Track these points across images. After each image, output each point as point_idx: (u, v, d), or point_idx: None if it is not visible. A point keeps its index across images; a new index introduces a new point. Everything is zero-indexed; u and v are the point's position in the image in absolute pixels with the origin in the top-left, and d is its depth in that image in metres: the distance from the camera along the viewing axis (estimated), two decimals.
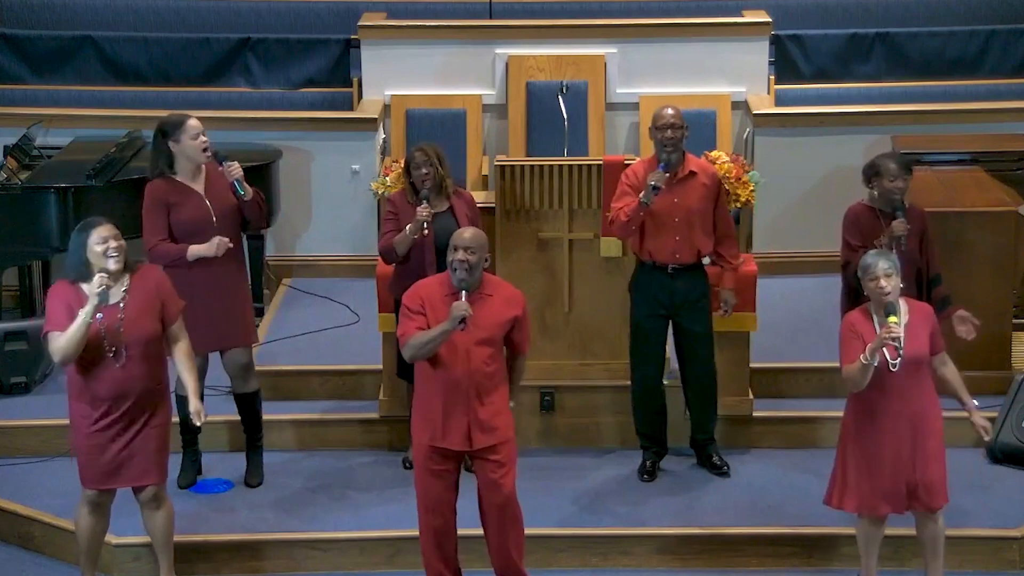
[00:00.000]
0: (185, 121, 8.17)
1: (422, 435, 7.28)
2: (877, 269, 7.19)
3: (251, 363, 8.51)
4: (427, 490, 7.33)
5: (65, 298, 7.19)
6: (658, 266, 8.44)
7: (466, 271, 7.09)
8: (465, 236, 7.14)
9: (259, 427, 8.64)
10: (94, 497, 7.43)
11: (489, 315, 7.15)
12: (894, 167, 8.19)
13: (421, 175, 8.33)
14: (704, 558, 8.11)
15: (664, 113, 8.37)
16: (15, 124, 10.67)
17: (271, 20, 12.03)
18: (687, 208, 8.38)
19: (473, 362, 7.12)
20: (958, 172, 10.01)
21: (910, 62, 11.67)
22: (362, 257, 10.87)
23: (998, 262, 9.20)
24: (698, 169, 8.46)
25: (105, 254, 7.13)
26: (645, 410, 8.68)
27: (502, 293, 7.24)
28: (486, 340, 7.13)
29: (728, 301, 8.56)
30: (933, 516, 7.43)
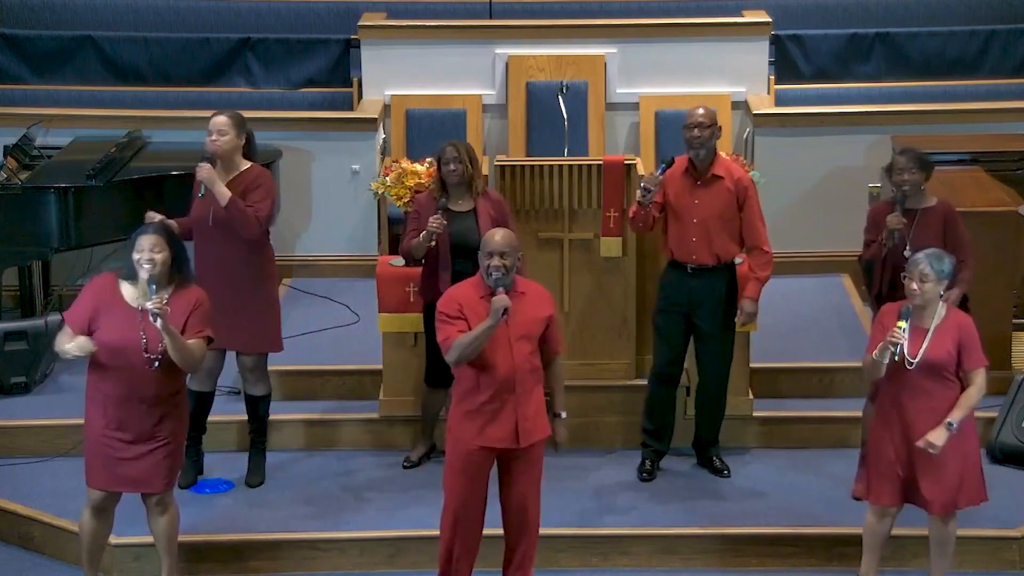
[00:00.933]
0: (214, 116, 8.24)
1: (467, 435, 7.22)
2: (915, 269, 7.20)
3: (258, 367, 8.49)
4: (464, 491, 7.27)
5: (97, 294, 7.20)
6: (679, 264, 8.43)
7: (502, 274, 7.11)
8: (497, 240, 7.14)
9: (263, 430, 8.64)
10: (98, 500, 7.41)
11: (526, 312, 7.17)
12: (902, 160, 8.21)
13: (450, 170, 8.32)
14: (704, 558, 8.11)
15: (694, 112, 8.33)
16: (15, 124, 10.66)
17: (271, 20, 12.03)
18: (706, 210, 8.34)
19: (517, 359, 7.13)
20: (958, 172, 10.01)
21: (910, 62, 11.67)
22: (362, 257, 10.87)
23: (998, 262, 9.20)
24: (724, 173, 8.38)
25: (138, 263, 7.14)
26: (652, 405, 8.66)
27: (534, 291, 7.28)
28: (526, 336, 7.16)
29: (745, 309, 8.45)
30: (943, 518, 7.42)
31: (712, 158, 8.36)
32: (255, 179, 8.27)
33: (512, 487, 7.30)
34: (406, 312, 8.82)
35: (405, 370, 8.95)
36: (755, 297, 8.42)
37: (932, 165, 8.30)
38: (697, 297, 8.44)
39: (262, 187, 8.28)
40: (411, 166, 10.20)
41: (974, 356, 7.29)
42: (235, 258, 8.24)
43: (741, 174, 8.49)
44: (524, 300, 7.19)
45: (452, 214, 8.32)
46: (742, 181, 8.42)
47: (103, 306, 7.19)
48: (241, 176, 8.25)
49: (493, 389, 7.15)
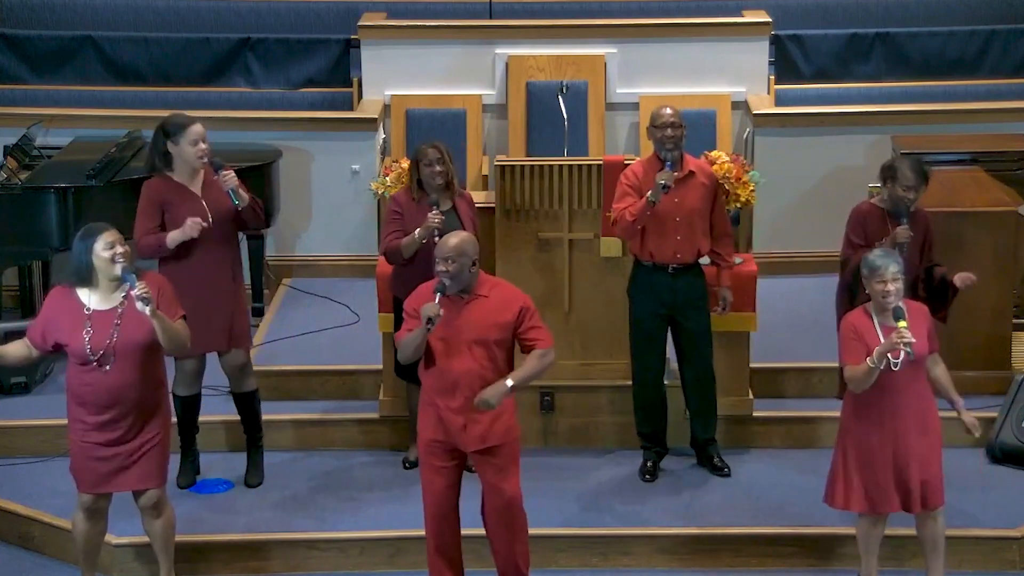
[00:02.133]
0: (188, 126, 8.14)
1: (424, 426, 7.31)
2: (887, 272, 7.19)
3: (247, 364, 8.50)
4: (428, 485, 7.35)
5: (56, 306, 7.20)
6: (659, 266, 8.44)
7: (448, 279, 7.11)
8: (448, 244, 7.14)
9: (259, 427, 8.64)
10: (89, 502, 7.42)
11: (481, 316, 7.15)
12: (911, 176, 8.18)
13: (435, 172, 8.32)
14: (704, 558, 8.11)
15: (663, 112, 8.38)
16: (15, 124, 10.66)
17: (271, 20, 12.02)
18: (688, 207, 8.40)
19: (468, 363, 7.13)
20: (958, 172, 10.01)
21: (910, 62, 11.67)
22: (362, 257, 10.87)
23: (998, 262, 9.20)
24: (696, 168, 8.48)
25: (112, 260, 7.11)
26: (646, 410, 8.69)
27: (499, 295, 7.23)
28: (479, 341, 7.13)
29: (726, 299, 8.59)
30: (933, 515, 7.44)
31: (681, 156, 8.40)
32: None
33: (485, 489, 7.34)
34: None
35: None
36: (732, 285, 8.61)
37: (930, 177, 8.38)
38: (682, 297, 8.46)
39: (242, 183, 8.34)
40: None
41: (935, 340, 7.38)
42: (223, 257, 8.27)
43: (709, 168, 8.67)
44: (483, 304, 7.17)
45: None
46: (713, 175, 8.60)
47: (61, 317, 7.18)
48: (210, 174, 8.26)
49: (444, 391, 7.17)
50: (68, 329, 7.15)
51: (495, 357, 7.17)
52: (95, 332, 7.12)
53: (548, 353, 7.24)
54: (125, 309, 7.17)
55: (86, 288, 7.19)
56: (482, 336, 7.13)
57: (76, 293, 7.20)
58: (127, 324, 7.15)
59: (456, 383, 7.14)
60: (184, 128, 8.14)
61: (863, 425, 7.34)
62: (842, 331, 7.37)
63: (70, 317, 7.17)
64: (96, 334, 7.12)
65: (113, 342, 7.13)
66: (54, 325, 7.19)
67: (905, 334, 7.10)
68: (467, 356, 7.13)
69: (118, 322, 7.15)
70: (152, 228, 8.18)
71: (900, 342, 7.10)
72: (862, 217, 8.33)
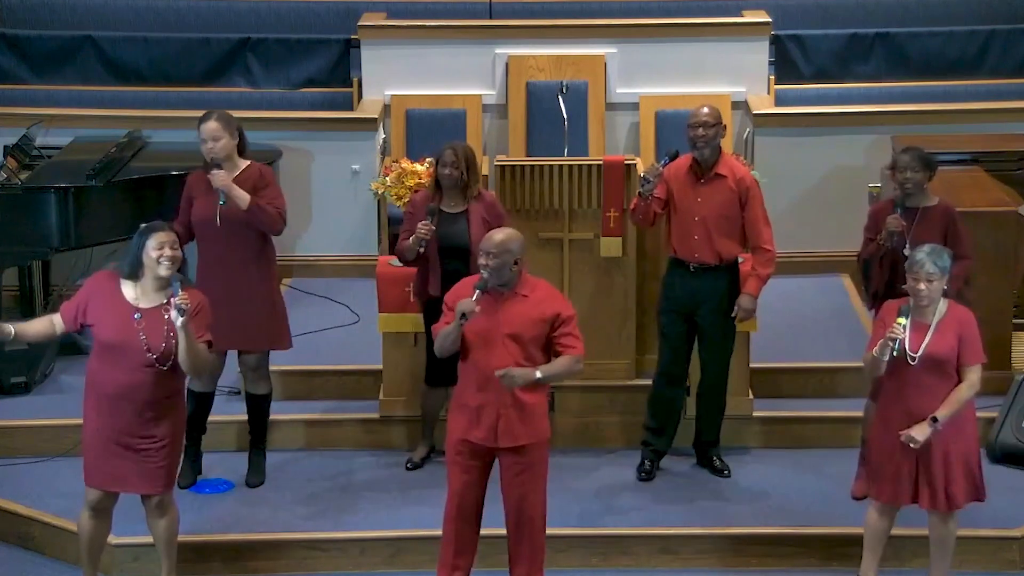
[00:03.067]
0: (203, 123, 8.19)
1: (454, 427, 7.29)
2: (920, 270, 7.19)
3: (260, 366, 8.49)
4: (453, 483, 7.33)
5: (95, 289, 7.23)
6: (682, 263, 8.43)
7: (488, 273, 7.12)
8: (492, 239, 7.15)
9: (264, 430, 8.64)
10: (96, 500, 7.41)
11: (520, 313, 7.16)
12: (905, 158, 8.22)
13: (444, 174, 8.35)
14: (704, 558, 8.11)
15: (697, 111, 8.32)
16: (15, 124, 10.66)
17: (271, 20, 12.02)
18: (708, 209, 8.34)
19: (503, 358, 7.12)
20: (958, 172, 10.01)
21: (910, 62, 11.67)
22: (362, 257, 10.87)
23: (998, 262, 9.20)
24: (728, 172, 8.37)
25: (158, 260, 7.14)
26: (654, 405, 8.66)
27: (540, 295, 7.23)
28: (515, 336, 7.13)
29: (743, 305, 8.43)
30: (943, 517, 7.43)
31: (716, 157, 8.35)
32: (261, 177, 8.29)
33: (508, 488, 7.31)
34: (406, 312, 8.82)
35: (405, 370, 8.95)
36: (754, 294, 8.41)
37: (936, 164, 8.32)
38: (700, 296, 8.44)
39: (271, 185, 8.33)
40: (411, 166, 10.19)
41: (972, 351, 7.28)
42: (241, 257, 8.25)
43: (744, 173, 8.48)
44: (522, 302, 7.18)
45: (444, 215, 8.34)
46: (744, 180, 8.41)
47: (101, 302, 7.20)
48: (244, 175, 8.25)
49: (478, 385, 7.17)
50: (107, 316, 7.16)
51: (531, 356, 7.15)
52: (148, 329, 7.14)
53: (579, 361, 7.25)
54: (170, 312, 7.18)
55: (133, 282, 7.21)
56: (517, 331, 7.13)
57: (121, 283, 7.22)
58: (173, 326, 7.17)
59: (490, 379, 7.13)
60: (200, 125, 8.21)
61: (883, 417, 7.39)
62: (876, 317, 7.45)
63: (111, 305, 7.17)
64: (151, 333, 7.14)
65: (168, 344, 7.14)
66: (94, 307, 7.18)
67: (896, 329, 7.11)
68: (502, 351, 7.12)
69: (167, 326, 7.16)
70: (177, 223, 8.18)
71: (889, 336, 7.11)
72: (875, 212, 8.37)
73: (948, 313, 7.29)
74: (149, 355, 7.14)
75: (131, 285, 7.23)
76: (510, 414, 7.17)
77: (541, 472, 7.33)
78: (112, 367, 7.18)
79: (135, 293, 7.22)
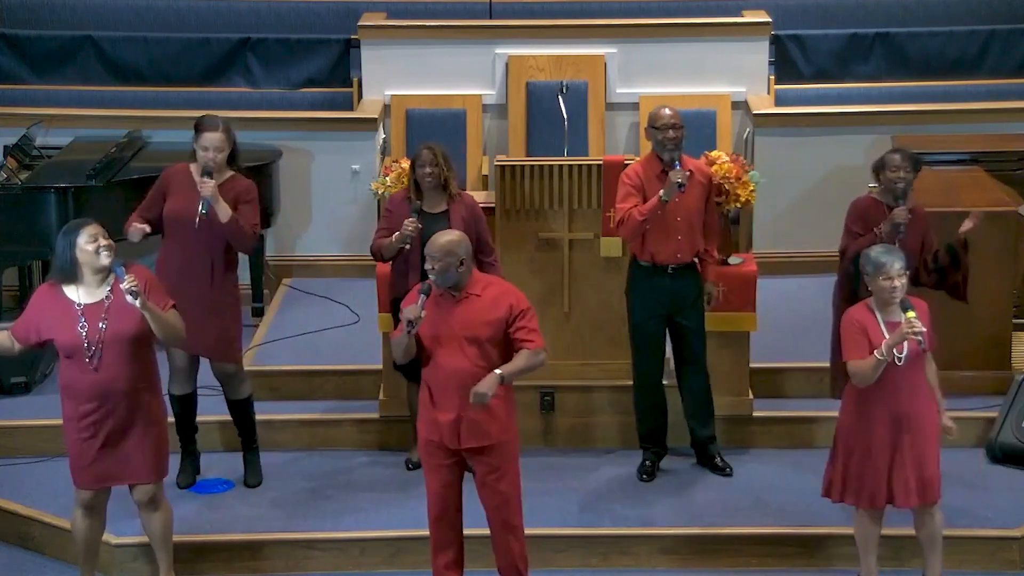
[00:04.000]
0: (204, 131, 8.19)
1: (421, 429, 7.34)
2: (892, 269, 7.21)
3: (236, 372, 8.49)
4: (428, 484, 7.37)
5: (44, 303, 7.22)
6: (658, 267, 8.44)
7: (434, 276, 7.13)
8: (436, 243, 7.14)
9: (253, 431, 8.64)
10: (87, 499, 7.43)
11: (473, 314, 7.15)
12: (896, 158, 8.27)
13: (424, 173, 8.35)
14: (704, 558, 8.11)
15: (663, 113, 8.37)
16: (15, 124, 10.66)
17: (271, 20, 12.02)
18: (688, 208, 8.40)
19: (461, 361, 7.13)
20: (958, 172, 10.02)
21: (910, 62, 11.67)
22: (362, 257, 10.81)
23: (998, 262, 9.20)
24: (694, 168, 8.49)
25: (97, 252, 7.14)
26: (646, 411, 8.69)
27: (492, 293, 7.22)
28: (471, 339, 7.13)
29: (711, 293, 8.58)
30: (931, 512, 7.45)
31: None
32: (245, 192, 8.27)
33: (484, 494, 7.34)
34: None
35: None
36: (717, 280, 8.63)
37: (922, 165, 8.38)
38: (679, 297, 8.48)
39: (252, 203, 8.30)
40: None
41: (933, 338, 7.35)
42: (210, 263, 8.23)
43: (706, 167, 8.70)
44: (475, 302, 7.17)
45: (425, 215, 8.34)
46: (709, 174, 8.62)
47: (50, 313, 7.20)
48: (227, 185, 8.24)
49: (439, 387, 7.19)
50: (59, 325, 7.17)
51: (489, 356, 7.15)
52: (89, 326, 7.14)
53: (539, 353, 7.19)
54: (112, 302, 7.18)
55: (72, 284, 7.21)
56: (473, 334, 7.14)
57: (63, 290, 7.22)
58: (114, 316, 7.17)
59: (449, 381, 7.15)
60: (201, 131, 8.20)
61: (864, 421, 7.35)
62: (844, 326, 7.37)
63: (60, 313, 7.18)
64: (91, 328, 7.14)
65: (102, 335, 7.14)
66: (45, 322, 7.20)
67: (916, 324, 7.11)
68: (460, 354, 7.13)
69: (105, 315, 7.17)
70: (144, 211, 8.24)
71: (910, 332, 7.10)
72: (862, 209, 8.37)
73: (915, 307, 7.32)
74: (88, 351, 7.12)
75: (73, 288, 7.22)
76: (472, 415, 7.17)
77: (513, 472, 7.32)
78: (77, 371, 7.19)
79: (79, 294, 7.22)
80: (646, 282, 8.49)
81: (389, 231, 8.37)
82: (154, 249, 8.52)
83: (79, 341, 7.14)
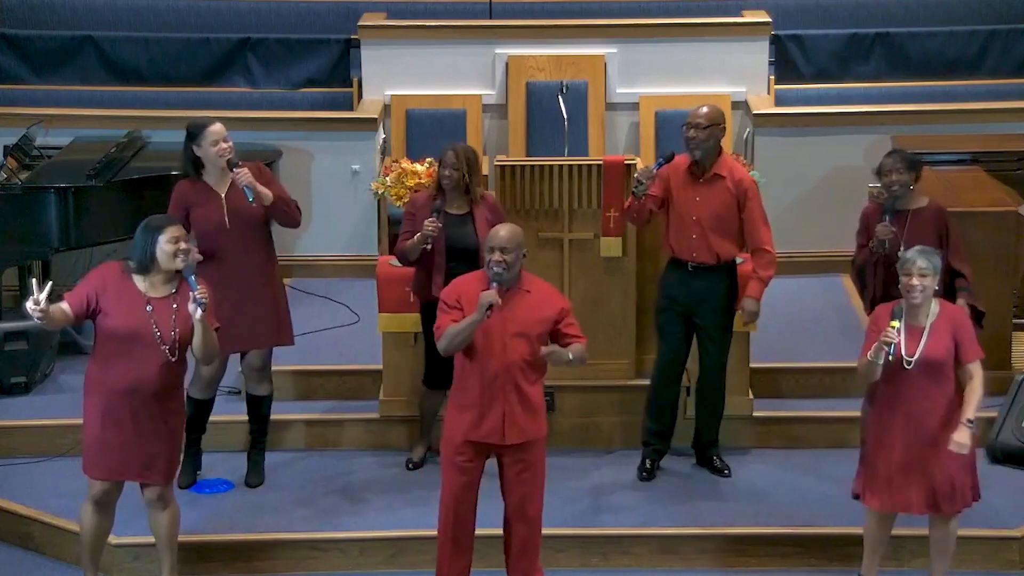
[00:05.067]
0: (207, 126, 8.17)
1: (455, 428, 7.27)
2: (913, 266, 7.18)
3: (264, 366, 8.49)
4: (450, 485, 7.32)
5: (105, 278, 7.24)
6: (680, 262, 8.43)
7: (503, 269, 7.13)
8: (501, 235, 7.17)
9: (264, 430, 8.65)
10: (99, 493, 7.42)
11: (525, 310, 7.17)
12: (888, 161, 8.22)
13: (444, 175, 8.35)
14: (704, 558, 8.11)
15: (695, 111, 8.32)
16: (15, 124, 10.66)
17: (271, 20, 12.03)
18: (705, 209, 8.34)
19: (510, 356, 7.13)
20: (958, 172, 10.02)
21: (910, 62, 11.68)
22: (362, 257, 10.87)
23: (998, 262, 9.20)
24: (727, 173, 8.37)
25: (174, 255, 7.19)
26: (653, 405, 8.65)
27: (541, 290, 7.27)
28: (521, 334, 7.14)
29: (747, 308, 8.43)
30: (945, 518, 7.42)
31: (715, 158, 8.35)
32: (261, 174, 8.30)
33: (509, 487, 7.32)
34: (406, 312, 8.82)
35: (405, 370, 8.96)
36: (757, 296, 8.40)
37: (921, 165, 8.29)
38: (698, 296, 8.44)
39: (274, 181, 8.39)
40: (411, 166, 10.21)
41: (970, 348, 7.27)
42: (251, 257, 8.25)
43: (743, 175, 8.47)
44: (526, 298, 7.20)
45: (448, 217, 8.34)
46: (743, 182, 8.40)
47: (113, 292, 7.23)
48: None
49: (483, 384, 7.17)
50: (122, 308, 7.18)
51: (535, 352, 7.17)
52: (160, 319, 7.18)
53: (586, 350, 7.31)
54: (179, 303, 7.21)
55: (142, 276, 7.25)
56: (525, 330, 7.15)
57: (132, 278, 7.25)
58: (181, 317, 7.21)
59: (496, 377, 7.14)
60: (204, 129, 8.17)
61: (877, 421, 7.37)
62: (869, 322, 7.40)
63: (126, 297, 7.20)
64: (161, 321, 7.18)
65: (177, 331, 7.19)
66: (107, 297, 7.20)
67: (889, 332, 7.10)
68: (510, 350, 7.13)
69: (175, 316, 7.21)
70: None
71: (884, 339, 7.10)
72: (865, 218, 8.36)
73: (940, 314, 7.28)
74: (162, 346, 7.18)
75: (140, 278, 7.27)
76: (516, 410, 7.17)
77: (541, 469, 7.34)
78: (121, 359, 7.20)
79: (145, 285, 7.26)
80: (670, 275, 8.49)
81: (412, 233, 8.37)
82: None
83: (147, 330, 7.15)
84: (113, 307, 7.21)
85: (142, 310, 7.20)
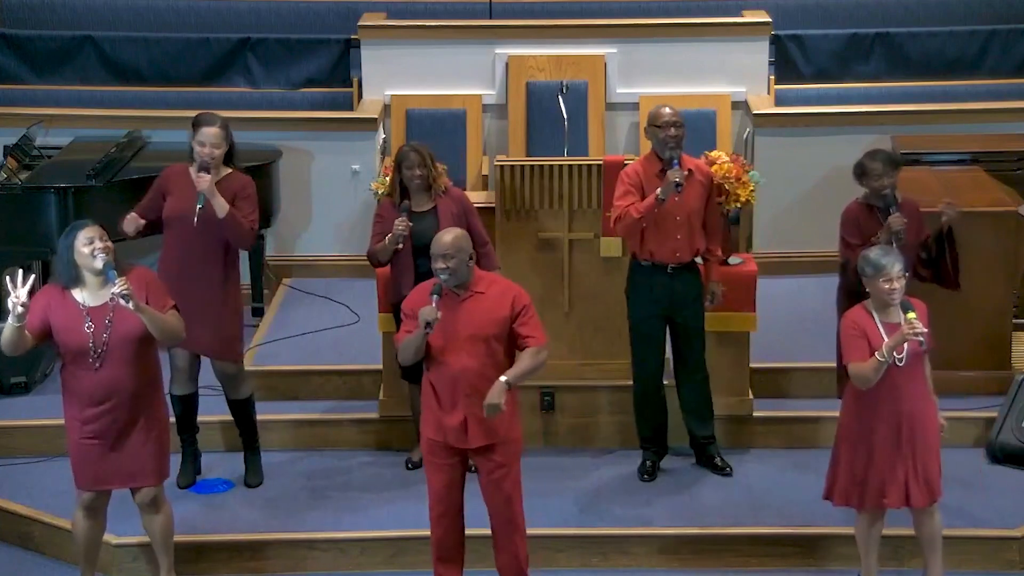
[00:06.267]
0: (203, 126, 8.21)
1: (425, 428, 7.32)
2: (892, 271, 7.21)
3: (237, 373, 8.49)
4: (430, 483, 7.36)
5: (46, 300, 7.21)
6: (658, 266, 8.44)
7: (448, 275, 7.12)
8: (443, 242, 7.15)
9: (254, 431, 8.65)
10: (88, 500, 7.43)
11: (479, 312, 7.16)
12: (878, 166, 8.25)
13: (414, 175, 8.36)
14: (704, 558, 8.11)
15: (663, 112, 8.38)
16: (15, 124, 10.67)
17: (271, 20, 12.02)
18: (688, 207, 8.40)
19: (467, 360, 7.13)
20: (958, 172, 10.02)
21: (910, 62, 11.67)
22: (362, 257, 10.76)
23: (998, 262, 9.20)
24: (694, 167, 8.48)
25: (92, 254, 7.13)
26: (646, 410, 8.68)
27: (496, 290, 7.23)
28: (477, 337, 7.14)
29: (715, 293, 8.58)
30: (930, 512, 7.45)
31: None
32: (242, 188, 8.28)
33: (488, 493, 7.35)
34: None
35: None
36: (720, 279, 8.61)
37: (901, 163, 8.41)
38: (680, 296, 8.47)
39: (250, 198, 8.31)
40: None
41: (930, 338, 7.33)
42: (210, 261, 8.24)
43: (706, 167, 8.67)
44: (480, 300, 7.18)
45: (414, 215, 8.35)
46: (710, 173, 8.60)
47: (56, 310, 7.20)
48: (226, 181, 8.25)
49: (445, 387, 7.18)
50: (67, 327, 7.17)
51: (494, 353, 7.16)
52: (96, 328, 7.14)
53: (541, 351, 7.22)
54: (116, 304, 7.17)
55: (77, 288, 7.21)
56: (480, 332, 7.14)
57: (70, 293, 7.22)
58: (119, 319, 7.17)
59: (456, 380, 7.15)
60: (199, 127, 8.22)
61: (865, 422, 7.35)
62: (844, 329, 7.37)
63: (68, 314, 7.18)
64: (96, 330, 7.15)
65: (107, 338, 7.14)
66: (54, 320, 7.18)
67: (916, 324, 7.12)
68: (466, 353, 7.13)
69: (110, 318, 7.17)
70: (143, 209, 8.28)
71: (911, 333, 7.11)
72: (854, 217, 8.35)
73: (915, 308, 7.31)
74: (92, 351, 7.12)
75: (78, 291, 7.23)
76: (477, 414, 7.17)
77: (516, 471, 7.33)
78: (86, 372, 7.19)
79: (84, 296, 7.22)
80: (645, 281, 8.49)
81: (382, 236, 8.39)
82: (156, 249, 8.52)
83: (85, 343, 7.14)
84: (61, 326, 7.19)
85: (82, 325, 7.17)
